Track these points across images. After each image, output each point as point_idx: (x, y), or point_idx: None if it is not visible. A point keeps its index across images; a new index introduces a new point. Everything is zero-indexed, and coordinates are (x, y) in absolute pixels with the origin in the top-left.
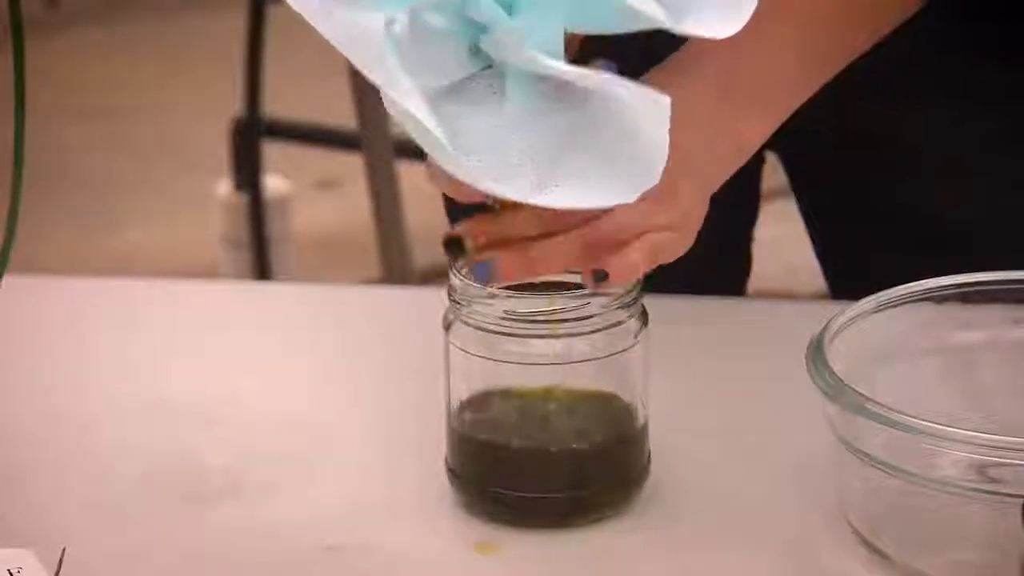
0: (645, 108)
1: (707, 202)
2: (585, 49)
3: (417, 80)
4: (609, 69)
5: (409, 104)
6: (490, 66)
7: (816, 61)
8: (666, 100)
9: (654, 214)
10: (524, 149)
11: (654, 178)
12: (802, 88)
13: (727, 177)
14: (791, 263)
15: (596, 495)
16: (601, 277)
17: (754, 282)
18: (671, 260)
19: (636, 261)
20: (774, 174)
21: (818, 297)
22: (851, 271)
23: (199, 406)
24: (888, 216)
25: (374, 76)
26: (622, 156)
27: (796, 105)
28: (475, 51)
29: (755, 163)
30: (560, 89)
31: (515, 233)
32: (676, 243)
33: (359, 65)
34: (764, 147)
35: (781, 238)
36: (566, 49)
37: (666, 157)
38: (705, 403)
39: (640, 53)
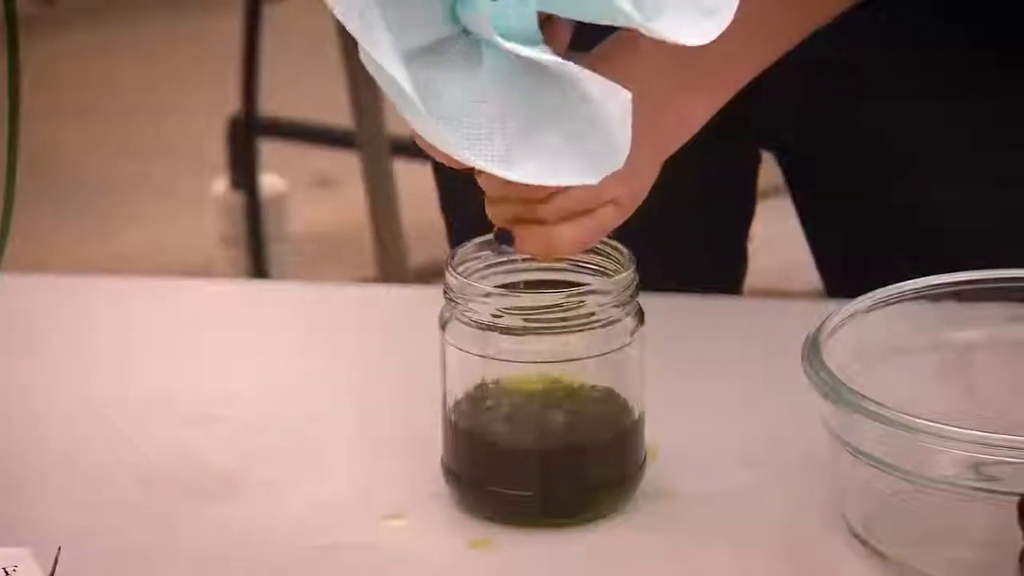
0: (606, 99)
1: (654, 176)
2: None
3: (395, 38)
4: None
5: (385, 62)
6: (468, 31)
7: (769, 39)
8: (627, 95)
9: (608, 188)
10: (495, 118)
11: (619, 162)
12: (752, 65)
13: (671, 152)
14: (785, 261)
15: (592, 493)
16: (506, 240)
17: (748, 280)
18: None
19: (580, 236)
20: (768, 173)
21: (812, 295)
22: (847, 270)
23: (196, 405)
24: (883, 215)
25: (354, 29)
26: (590, 136)
27: (745, 82)
28: (455, 14)
29: (751, 162)
30: (534, 63)
31: (491, 194)
32: (619, 217)
33: (341, 15)
34: (760, 146)
35: (775, 236)
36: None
37: (630, 143)
38: (701, 401)
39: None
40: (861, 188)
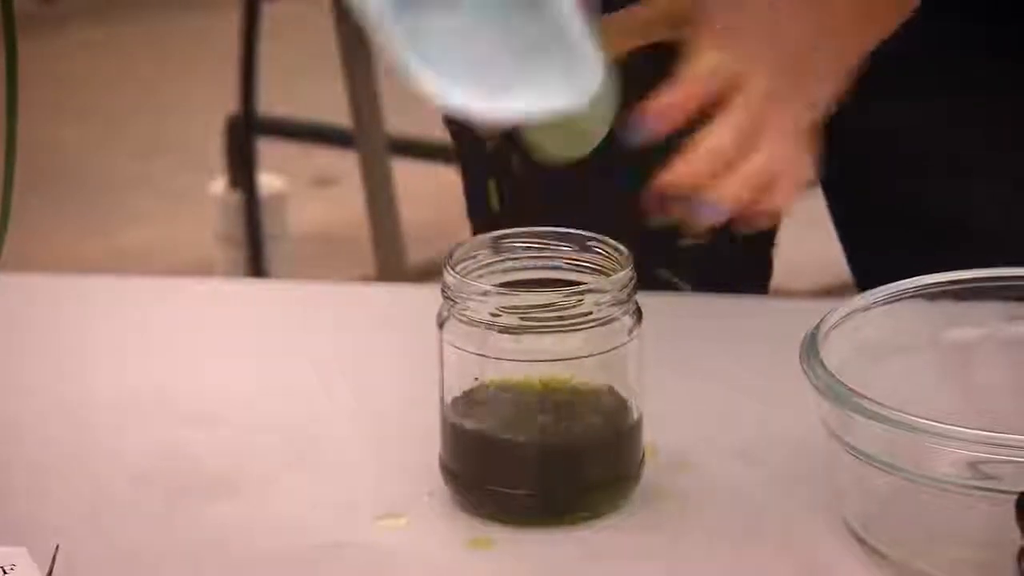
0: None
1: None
2: None
3: None
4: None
5: (374, 10)
6: None
7: None
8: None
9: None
10: (485, 53)
11: (596, 78)
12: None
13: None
14: (785, 261)
15: (590, 492)
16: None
17: None
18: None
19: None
20: None
21: (813, 294)
22: (878, 268)
23: (194, 404)
24: (911, 214)
25: None
26: (570, 58)
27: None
28: None
29: None
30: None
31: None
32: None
33: None
34: None
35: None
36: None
37: (600, 65)
38: (699, 400)
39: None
40: (885, 186)
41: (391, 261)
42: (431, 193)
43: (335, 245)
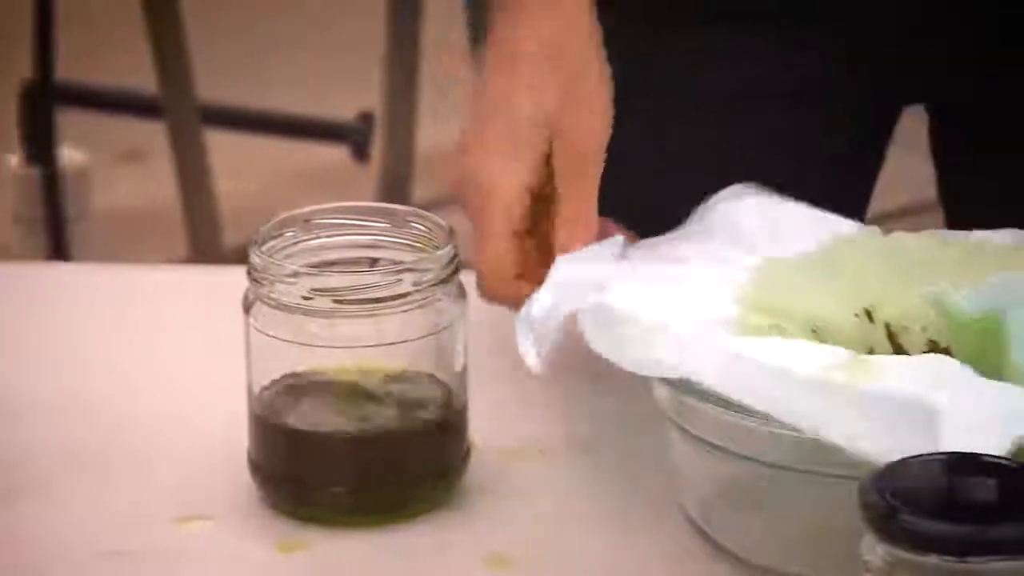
0: None
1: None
2: None
3: None
4: None
5: None
6: None
7: None
8: None
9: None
10: None
11: None
12: None
13: None
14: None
15: (410, 488)
16: None
17: None
18: None
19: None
20: None
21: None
22: (967, 195)
23: None
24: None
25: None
26: None
27: None
28: None
29: (889, 117)
30: None
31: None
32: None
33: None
34: (908, 101)
35: None
36: None
37: None
38: (530, 387)
39: None
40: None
41: (206, 242)
42: (248, 168)
43: (144, 225)
